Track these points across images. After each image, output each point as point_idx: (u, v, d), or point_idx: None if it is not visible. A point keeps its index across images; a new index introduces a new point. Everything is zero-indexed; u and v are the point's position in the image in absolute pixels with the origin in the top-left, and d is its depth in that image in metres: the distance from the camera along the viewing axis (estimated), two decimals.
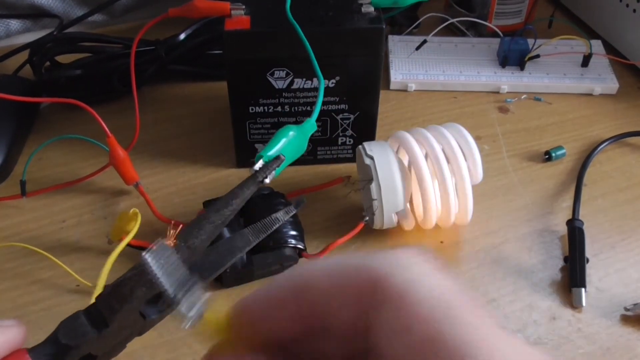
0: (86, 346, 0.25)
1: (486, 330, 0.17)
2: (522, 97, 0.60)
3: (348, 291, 0.19)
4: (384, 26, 0.45)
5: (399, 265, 0.18)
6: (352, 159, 0.51)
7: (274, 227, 0.29)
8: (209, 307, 0.21)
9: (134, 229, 0.42)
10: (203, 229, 0.27)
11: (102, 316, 0.25)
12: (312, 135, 0.50)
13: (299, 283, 0.20)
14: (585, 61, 0.61)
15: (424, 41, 0.63)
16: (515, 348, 0.17)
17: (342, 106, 0.49)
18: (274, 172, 0.34)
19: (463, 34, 0.67)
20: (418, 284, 0.18)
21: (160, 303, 0.26)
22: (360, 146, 0.45)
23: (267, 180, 0.33)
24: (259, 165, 0.34)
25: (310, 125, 0.40)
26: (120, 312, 0.25)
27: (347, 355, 0.21)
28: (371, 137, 0.51)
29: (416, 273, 0.18)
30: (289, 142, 0.37)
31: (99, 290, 0.38)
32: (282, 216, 0.30)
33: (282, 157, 0.35)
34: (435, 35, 0.63)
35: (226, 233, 0.42)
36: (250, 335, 0.21)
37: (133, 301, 0.25)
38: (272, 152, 0.35)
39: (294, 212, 0.31)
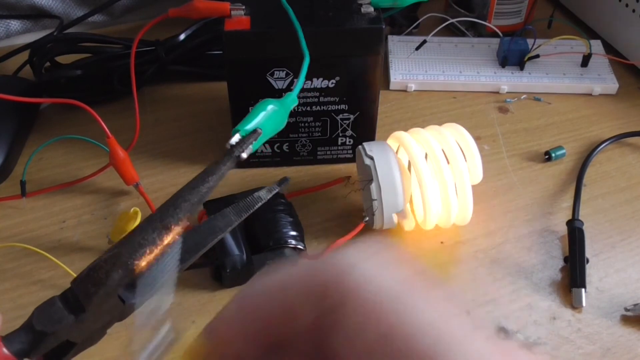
0: (63, 332, 0.24)
1: (436, 310, 0.17)
2: (522, 97, 0.60)
3: (304, 300, 0.18)
4: (383, 26, 0.45)
5: (348, 265, 0.18)
6: (352, 159, 0.51)
7: (257, 206, 0.29)
8: (178, 339, 0.20)
9: (134, 226, 0.42)
10: (179, 208, 0.26)
11: (78, 301, 0.24)
12: (312, 135, 0.51)
13: (255, 301, 0.19)
14: (585, 61, 0.61)
15: (424, 41, 0.63)
16: (467, 331, 0.17)
17: (342, 106, 0.49)
18: (250, 147, 0.33)
19: (463, 34, 0.67)
20: (368, 281, 0.17)
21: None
22: (360, 146, 0.45)
23: (244, 155, 0.31)
24: (234, 139, 0.32)
25: (292, 100, 0.39)
26: (97, 295, 0.24)
27: None
28: (371, 137, 0.51)
29: (366, 270, 0.18)
30: (267, 116, 0.35)
31: None
32: (264, 194, 0.29)
33: (259, 130, 0.33)
34: (435, 35, 0.63)
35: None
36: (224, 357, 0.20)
37: (109, 284, 0.24)
38: (249, 126, 0.34)
39: (277, 189, 0.30)
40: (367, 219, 0.45)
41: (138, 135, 0.50)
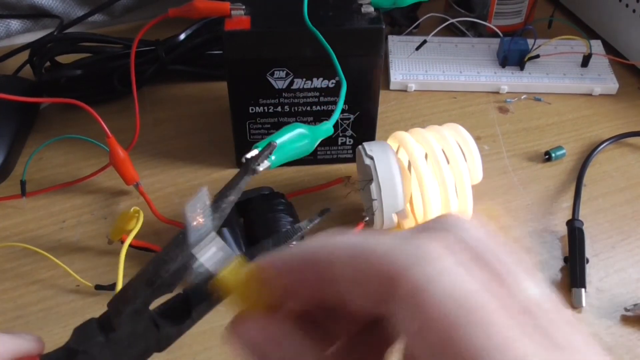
0: (95, 351, 0.24)
1: (512, 332, 0.16)
2: (522, 97, 0.60)
3: (366, 279, 0.18)
4: (383, 26, 0.45)
5: (420, 258, 0.17)
6: (352, 159, 0.51)
7: (296, 236, 0.28)
8: (224, 266, 0.21)
9: (137, 226, 0.42)
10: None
11: (110, 320, 0.25)
12: None
13: (319, 256, 0.19)
14: (585, 61, 0.61)
15: (424, 41, 0.63)
16: (548, 351, 0.16)
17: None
18: (267, 161, 0.33)
19: (463, 34, 0.67)
20: (436, 282, 0.16)
21: (176, 315, 0.26)
22: (360, 146, 0.45)
23: (260, 168, 0.32)
24: (251, 153, 0.33)
25: (326, 129, 0.39)
26: (125, 314, 0.24)
27: (358, 328, 0.21)
28: (371, 137, 0.51)
29: (436, 268, 0.17)
30: (291, 137, 0.35)
31: None
32: (304, 225, 0.29)
33: (274, 143, 0.33)
34: (435, 35, 0.63)
35: (226, 234, 0.42)
36: (267, 298, 0.20)
37: (136, 302, 0.24)
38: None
39: (318, 220, 0.30)
40: (367, 218, 0.45)
41: (138, 135, 0.50)
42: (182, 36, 0.57)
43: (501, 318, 0.16)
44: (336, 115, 0.40)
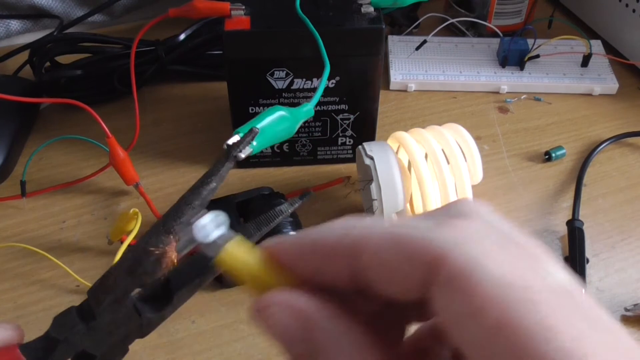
0: (76, 339, 0.25)
1: (561, 313, 0.16)
2: (522, 97, 0.60)
3: (406, 265, 0.17)
4: (383, 26, 0.45)
5: (460, 241, 0.17)
6: (352, 159, 0.52)
7: (278, 220, 0.28)
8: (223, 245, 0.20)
9: (136, 228, 0.42)
10: (182, 211, 0.27)
11: (91, 309, 0.25)
12: (312, 135, 0.51)
13: (352, 241, 0.18)
14: (585, 61, 0.61)
15: (424, 41, 0.63)
16: (605, 336, 0.16)
17: (342, 106, 0.49)
18: (249, 147, 0.32)
19: (463, 34, 0.67)
20: (482, 263, 0.16)
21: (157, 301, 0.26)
22: (360, 146, 0.45)
23: (242, 155, 0.31)
24: (232, 139, 0.32)
25: (307, 111, 0.38)
26: (106, 302, 0.24)
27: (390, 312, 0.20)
28: (371, 137, 0.51)
29: (479, 250, 0.17)
30: (272, 121, 0.35)
31: None
32: (285, 208, 0.29)
33: (256, 129, 0.33)
34: (435, 35, 0.63)
35: None
36: (289, 280, 0.19)
37: (117, 291, 0.24)
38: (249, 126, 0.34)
39: (299, 203, 0.29)
40: None
41: (138, 135, 0.50)
42: (182, 36, 0.57)
43: (548, 298, 0.16)
44: (317, 96, 0.39)
